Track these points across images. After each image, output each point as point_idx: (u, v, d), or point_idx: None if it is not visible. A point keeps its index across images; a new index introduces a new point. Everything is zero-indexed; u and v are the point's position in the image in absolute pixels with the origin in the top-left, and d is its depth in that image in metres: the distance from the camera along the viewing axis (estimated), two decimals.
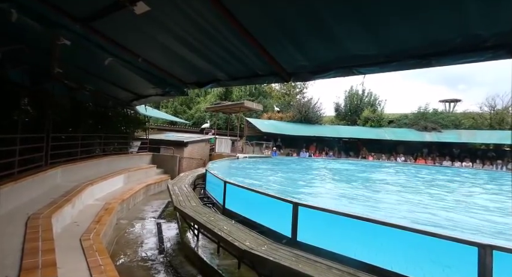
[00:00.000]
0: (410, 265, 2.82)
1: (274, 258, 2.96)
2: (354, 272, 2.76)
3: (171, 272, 4.22)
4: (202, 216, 4.50)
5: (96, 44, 4.23)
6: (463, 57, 2.83)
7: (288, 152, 21.07)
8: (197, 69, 5.02)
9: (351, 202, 7.13)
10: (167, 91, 6.51)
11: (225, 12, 3.05)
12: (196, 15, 3.24)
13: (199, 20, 3.33)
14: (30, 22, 3.37)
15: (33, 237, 3.36)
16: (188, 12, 3.19)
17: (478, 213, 6.39)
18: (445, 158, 18.92)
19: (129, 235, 5.64)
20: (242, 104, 17.43)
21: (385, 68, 3.44)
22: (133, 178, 9.48)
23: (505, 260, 2.36)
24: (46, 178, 5.88)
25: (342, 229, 3.37)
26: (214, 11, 3.05)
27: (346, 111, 25.90)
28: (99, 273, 3.09)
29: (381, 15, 2.71)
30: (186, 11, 3.17)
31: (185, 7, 3.09)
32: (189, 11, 3.17)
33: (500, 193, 9.38)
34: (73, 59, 5.57)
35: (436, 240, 2.68)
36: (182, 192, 6.17)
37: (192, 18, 3.30)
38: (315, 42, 3.43)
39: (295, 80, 4.63)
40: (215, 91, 28.44)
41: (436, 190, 9.39)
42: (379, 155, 20.56)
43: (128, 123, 11.31)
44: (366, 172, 13.90)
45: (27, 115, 6.81)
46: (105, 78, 6.95)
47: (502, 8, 2.30)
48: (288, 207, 3.85)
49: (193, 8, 3.11)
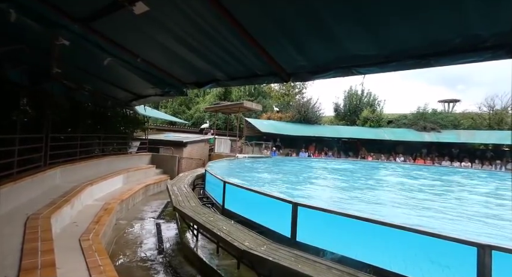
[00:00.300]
0: (409, 266, 2.82)
1: (274, 258, 2.96)
2: (353, 272, 2.76)
3: (170, 272, 4.21)
4: (201, 216, 4.50)
5: (95, 44, 4.22)
6: (463, 57, 2.84)
7: (287, 152, 21.08)
8: (196, 69, 5.01)
9: (350, 202, 7.14)
10: (166, 91, 6.51)
11: (224, 12, 3.04)
12: (195, 15, 3.24)
13: (199, 20, 3.33)
14: (29, 22, 3.36)
15: (32, 238, 3.36)
16: (187, 12, 3.19)
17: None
18: (444, 158, 18.96)
19: (129, 236, 5.63)
20: (241, 104, 17.42)
21: (385, 68, 3.44)
22: (133, 178, 9.47)
23: (504, 260, 2.36)
24: (45, 179, 5.87)
25: (342, 229, 3.37)
26: (213, 10, 3.05)
27: (345, 111, 25.92)
28: (99, 273, 3.09)
29: (381, 15, 2.71)
30: (185, 11, 3.17)
31: (184, 7, 3.09)
32: (188, 11, 3.16)
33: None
34: (72, 59, 5.55)
35: (436, 240, 2.68)
36: (181, 192, 6.17)
37: (191, 18, 3.29)
38: (314, 42, 3.43)
39: (294, 80, 4.63)
40: (214, 91, 28.42)
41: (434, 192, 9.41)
42: (378, 155, 20.60)
43: (127, 123, 11.29)
44: (365, 171, 13.93)
45: (26, 115, 6.80)
46: (104, 78, 6.94)
47: (502, 8, 2.31)
48: (287, 207, 3.85)
49: (192, 8, 3.11)
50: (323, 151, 21.31)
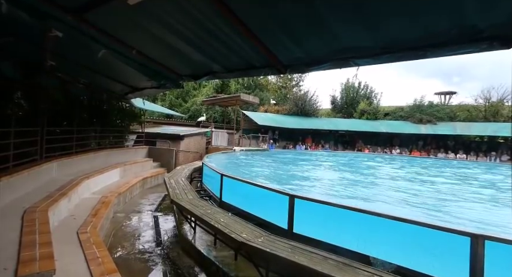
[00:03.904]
0: (404, 256, 2.87)
1: (271, 250, 3.00)
2: (349, 262, 2.81)
3: (168, 264, 4.25)
4: (199, 208, 4.52)
5: (88, 35, 4.15)
6: (459, 48, 2.83)
7: (284, 145, 21.15)
8: (192, 61, 4.96)
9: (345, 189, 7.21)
10: (162, 84, 6.44)
11: (219, 4, 3.00)
12: (190, 6, 3.18)
13: (194, 12, 3.28)
14: (20, 13, 3.29)
15: (30, 230, 3.35)
16: (181, 3, 3.13)
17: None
18: (440, 150, 19.11)
19: (126, 228, 5.66)
20: (238, 97, 17.36)
21: (381, 59, 3.43)
22: (130, 171, 9.46)
23: (497, 250, 2.41)
24: (41, 172, 5.85)
25: (337, 220, 3.41)
26: (208, 2, 3.00)
27: (342, 104, 25.94)
28: (97, 265, 3.11)
29: (377, 6, 2.68)
30: (180, 2, 3.11)
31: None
32: (183, 2, 3.11)
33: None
34: (66, 51, 5.46)
35: (430, 230, 2.72)
36: (179, 185, 6.18)
37: (186, 9, 3.24)
38: (310, 34, 3.40)
39: (291, 72, 4.61)
40: (211, 84, 28.21)
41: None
42: (374, 148, 20.71)
43: (123, 116, 11.21)
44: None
45: (20, 109, 6.72)
46: (99, 71, 6.85)
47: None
48: (284, 199, 3.88)
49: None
50: (320, 144, 21.38)
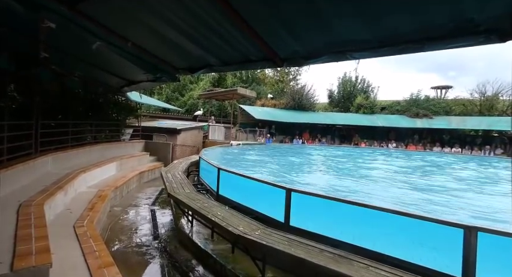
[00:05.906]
0: (398, 247, 2.91)
1: (268, 242, 3.02)
2: (345, 255, 2.84)
3: (165, 257, 4.28)
4: (196, 202, 4.53)
5: (83, 27, 4.08)
6: (456, 41, 2.82)
7: (281, 139, 21.17)
8: (189, 54, 4.90)
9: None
10: (158, 77, 6.38)
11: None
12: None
13: (191, 4, 3.23)
14: (12, 3, 3.22)
15: (25, 224, 3.34)
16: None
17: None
18: (436, 144, 19.26)
19: (123, 222, 5.67)
20: (235, 90, 17.25)
21: (379, 52, 3.42)
22: (126, 165, 9.43)
23: (489, 241, 2.46)
24: (37, 166, 5.81)
25: (333, 213, 3.44)
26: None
27: (339, 98, 25.88)
28: (94, 258, 3.12)
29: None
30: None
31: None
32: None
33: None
34: (60, 43, 5.37)
35: (424, 222, 2.76)
36: (176, 179, 6.18)
37: (183, 1, 3.19)
38: (307, 27, 3.37)
39: (288, 65, 4.58)
40: (208, 77, 27.98)
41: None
42: (371, 142, 20.81)
43: (119, 110, 11.13)
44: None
45: (14, 101, 6.64)
46: (95, 64, 6.76)
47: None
48: (281, 192, 3.90)
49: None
50: (317, 139, 21.43)
